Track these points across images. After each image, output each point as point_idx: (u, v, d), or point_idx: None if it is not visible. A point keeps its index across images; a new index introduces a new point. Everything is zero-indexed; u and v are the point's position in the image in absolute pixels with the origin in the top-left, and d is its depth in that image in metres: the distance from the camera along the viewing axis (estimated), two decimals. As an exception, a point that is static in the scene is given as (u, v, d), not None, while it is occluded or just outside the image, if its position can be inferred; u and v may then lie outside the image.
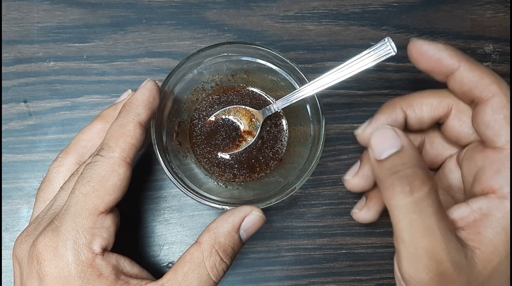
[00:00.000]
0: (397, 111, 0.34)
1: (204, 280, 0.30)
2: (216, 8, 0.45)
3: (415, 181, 0.28)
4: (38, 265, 0.30)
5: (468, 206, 0.30)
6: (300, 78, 0.36)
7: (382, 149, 0.30)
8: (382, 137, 0.30)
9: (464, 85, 0.32)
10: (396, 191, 0.29)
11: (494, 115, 0.30)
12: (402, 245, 0.29)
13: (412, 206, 0.28)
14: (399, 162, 0.29)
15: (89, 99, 0.43)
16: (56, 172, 0.35)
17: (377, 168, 0.31)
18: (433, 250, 0.28)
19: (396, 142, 0.30)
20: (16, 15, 0.44)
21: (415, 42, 0.33)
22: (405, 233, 0.29)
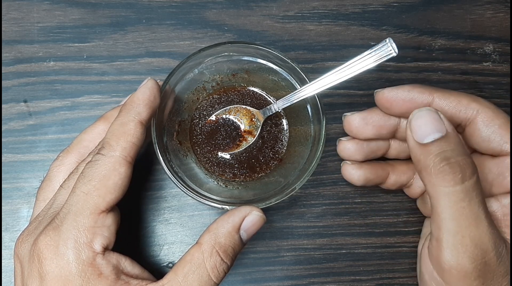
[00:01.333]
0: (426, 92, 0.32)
1: (204, 281, 0.30)
2: (216, 8, 0.45)
3: (466, 169, 0.28)
4: (39, 264, 0.30)
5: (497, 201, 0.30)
6: (301, 78, 0.36)
7: (426, 132, 0.29)
8: (425, 119, 0.30)
9: (445, 113, 0.32)
10: (446, 178, 0.28)
11: (489, 129, 0.31)
12: (447, 233, 0.29)
13: (462, 195, 0.28)
14: (448, 148, 0.29)
15: (89, 99, 0.43)
16: (57, 171, 0.35)
17: (420, 151, 0.30)
18: (480, 239, 0.28)
19: (441, 126, 0.29)
20: (16, 15, 0.44)
21: (382, 92, 0.33)
22: (452, 222, 0.28)
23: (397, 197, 0.43)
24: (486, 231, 0.28)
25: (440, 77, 0.45)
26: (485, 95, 0.45)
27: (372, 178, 0.38)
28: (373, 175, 0.38)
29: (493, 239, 0.28)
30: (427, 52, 0.45)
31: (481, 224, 0.28)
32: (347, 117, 0.37)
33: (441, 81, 0.45)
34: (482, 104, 0.31)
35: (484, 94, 0.45)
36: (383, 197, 0.43)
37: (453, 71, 0.45)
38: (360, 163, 0.39)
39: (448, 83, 0.45)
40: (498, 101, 0.45)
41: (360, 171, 0.38)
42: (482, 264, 0.28)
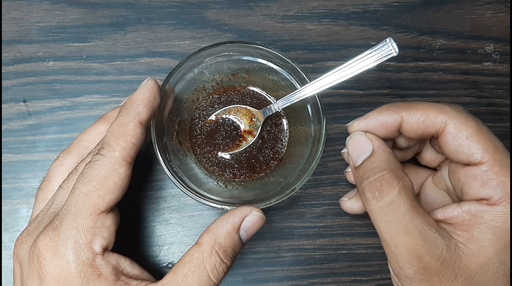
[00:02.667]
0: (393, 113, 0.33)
1: (204, 281, 0.30)
2: (216, 8, 0.45)
3: (383, 186, 0.30)
4: (39, 264, 0.29)
5: (458, 206, 0.31)
6: (301, 78, 0.36)
7: (356, 156, 0.32)
8: (355, 143, 0.32)
9: (416, 130, 0.32)
10: (368, 197, 0.31)
11: (457, 140, 0.31)
12: (385, 245, 0.31)
13: (385, 209, 0.30)
14: (369, 168, 0.31)
15: (88, 99, 0.43)
16: (56, 171, 0.35)
17: (354, 175, 0.33)
18: (411, 246, 0.29)
19: (368, 146, 0.32)
20: (16, 15, 0.44)
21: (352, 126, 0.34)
22: (384, 235, 0.30)
23: (398, 197, 0.43)
24: (417, 238, 0.29)
25: (441, 77, 0.45)
26: (486, 95, 0.45)
27: None
28: None
29: (425, 245, 0.29)
30: (427, 52, 0.45)
31: (410, 232, 0.29)
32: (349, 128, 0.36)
33: (442, 81, 0.45)
34: (450, 114, 0.31)
35: (484, 94, 0.45)
36: (384, 197, 0.43)
37: (453, 71, 0.45)
38: (356, 195, 0.40)
39: (448, 83, 0.45)
40: (498, 101, 0.45)
41: (358, 203, 0.39)
42: (421, 269, 0.29)
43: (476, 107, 0.45)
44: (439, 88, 0.45)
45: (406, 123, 0.32)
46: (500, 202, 0.29)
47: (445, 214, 0.31)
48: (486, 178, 0.30)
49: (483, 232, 0.29)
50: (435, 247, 0.29)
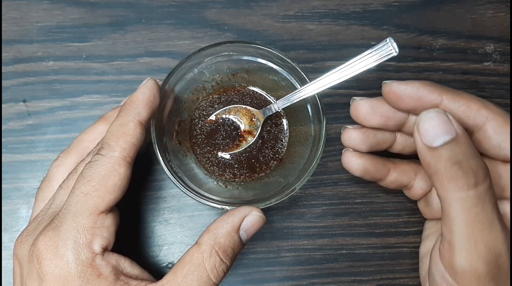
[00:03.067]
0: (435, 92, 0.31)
1: (204, 281, 0.30)
2: (216, 7, 0.45)
3: (479, 173, 0.28)
4: (38, 264, 0.29)
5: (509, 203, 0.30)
6: (301, 77, 0.36)
7: (435, 135, 0.28)
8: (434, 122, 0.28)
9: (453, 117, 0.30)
10: (459, 183, 0.28)
11: (499, 136, 0.30)
12: (460, 238, 0.28)
13: (476, 199, 0.28)
14: (459, 151, 0.28)
15: (88, 98, 0.43)
16: (56, 171, 0.35)
17: (429, 155, 0.29)
18: (493, 244, 0.28)
19: (451, 128, 0.28)
20: (15, 15, 0.44)
21: (390, 85, 0.32)
22: (465, 227, 0.28)
23: (398, 197, 0.43)
24: (500, 235, 0.28)
25: (441, 77, 0.45)
26: (486, 95, 0.45)
27: (371, 170, 0.37)
28: (373, 167, 0.37)
29: (506, 243, 0.28)
30: (427, 51, 0.45)
31: (494, 228, 0.28)
32: (355, 102, 0.36)
33: (442, 81, 0.45)
34: (492, 111, 0.30)
35: (484, 94, 0.45)
36: (384, 198, 0.43)
37: (453, 71, 0.45)
38: (362, 153, 0.37)
39: (448, 83, 0.45)
40: (499, 101, 0.45)
41: (360, 160, 0.37)
42: (495, 268, 0.28)
43: (477, 107, 0.45)
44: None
45: (445, 107, 0.31)
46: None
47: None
48: None
49: None
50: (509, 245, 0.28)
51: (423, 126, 0.29)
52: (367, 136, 0.36)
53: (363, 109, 0.35)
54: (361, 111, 0.35)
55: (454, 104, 0.31)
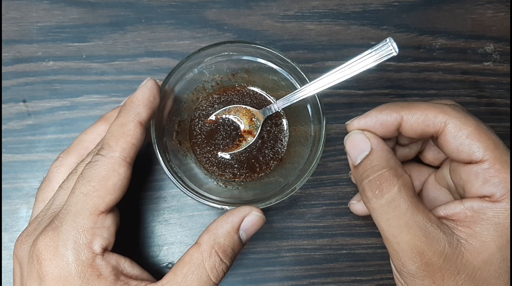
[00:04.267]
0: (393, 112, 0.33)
1: (203, 281, 0.30)
2: (216, 7, 0.45)
3: (382, 184, 0.30)
4: (39, 264, 0.29)
5: (461, 203, 0.31)
6: (301, 77, 0.36)
7: (355, 154, 0.32)
8: (353, 142, 0.33)
9: (415, 129, 0.32)
10: (368, 195, 0.31)
11: (457, 140, 0.31)
12: (387, 242, 0.31)
13: (385, 207, 0.30)
14: (368, 166, 0.31)
15: (88, 98, 0.43)
16: (56, 172, 0.35)
17: (354, 174, 0.33)
18: (413, 243, 0.30)
19: (366, 145, 0.32)
20: (15, 15, 0.44)
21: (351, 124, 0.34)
22: (386, 232, 0.31)
23: (398, 197, 0.43)
24: (419, 234, 0.29)
25: (441, 76, 0.45)
26: (486, 95, 0.45)
27: None
28: None
29: (427, 241, 0.29)
30: (427, 51, 0.45)
31: (411, 229, 0.30)
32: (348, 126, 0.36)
33: (442, 81, 0.45)
34: (449, 115, 0.31)
35: (484, 94, 0.45)
36: (384, 197, 0.43)
37: (453, 71, 0.45)
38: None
39: (448, 82, 0.45)
40: (498, 101, 0.45)
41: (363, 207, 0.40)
42: (423, 265, 0.29)
43: (476, 107, 0.45)
44: (439, 88, 0.45)
45: (406, 122, 0.32)
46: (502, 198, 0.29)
47: (448, 210, 0.31)
48: (488, 176, 0.30)
49: (486, 228, 0.30)
50: (437, 243, 0.29)
51: (347, 149, 0.33)
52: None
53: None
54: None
55: (412, 117, 0.32)
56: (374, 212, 0.31)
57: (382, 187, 0.30)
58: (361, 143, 0.32)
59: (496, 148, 0.30)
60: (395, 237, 0.30)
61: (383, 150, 0.32)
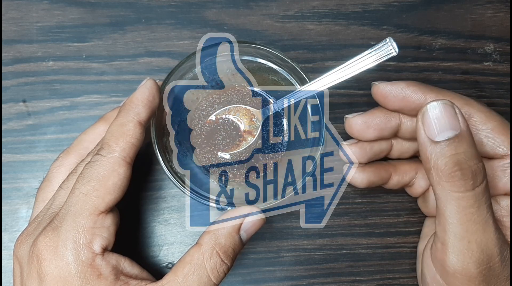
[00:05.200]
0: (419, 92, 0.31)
1: (204, 282, 0.30)
2: (216, 7, 0.45)
3: (477, 175, 0.28)
4: (38, 264, 0.29)
5: (496, 202, 0.30)
6: (301, 77, 0.36)
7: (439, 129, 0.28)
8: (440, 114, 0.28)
9: None
10: (457, 183, 0.28)
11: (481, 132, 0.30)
12: (453, 238, 0.28)
13: (472, 200, 0.28)
14: (461, 150, 0.28)
15: (88, 99, 0.43)
16: (56, 172, 0.35)
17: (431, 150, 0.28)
18: (486, 245, 0.28)
19: (456, 123, 0.28)
20: (15, 15, 0.44)
21: (377, 86, 0.33)
22: (460, 227, 0.28)
23: (398, 197, 0.43)
24: (493, 236, 0.28)
25: (441, 76, 0.45)
26: (486, 95, 0.45)
27: (375, 180, 0.38)
28: (376, 177, 0.38)
29: (498, 244, 0.28)
30: (427, 51, 0.45)
31: (488, 229, 0.28)
32: (348, 120, 0.37)
33: (442, 81, 0.45)
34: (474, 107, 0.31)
35: (484, 94, 0.45)
36: (384, 198, 0.43)
37: (453, 71, 0.45)
38: (363, 166, 0.38)
39: (448, 82, 0.45)
40: (498, 101, 0.45)
41: (363, 174, 0.37)
42: (487, 269, 0.28)
43: (476, 107, 0.45)
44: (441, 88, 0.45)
45: None
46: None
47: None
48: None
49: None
50: (504, 247, 0.28)
51: (427, 117, 0.28)
52: (364, 150, 0.37)
53: (356, 126, 0.36)
54: (355, 127, 0.36)
55: None
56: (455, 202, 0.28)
57: (476, 178, 0.28)
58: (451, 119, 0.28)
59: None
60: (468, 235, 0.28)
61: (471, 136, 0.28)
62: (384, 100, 0.34)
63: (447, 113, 0.28)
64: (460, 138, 0.28)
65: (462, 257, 0.28)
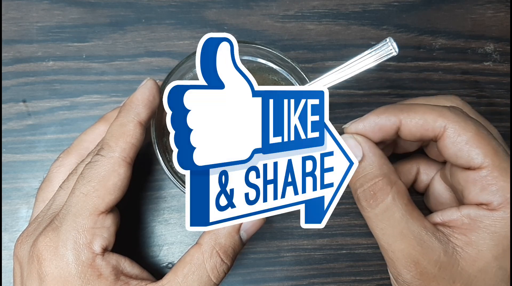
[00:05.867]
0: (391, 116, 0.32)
1: (204, 282, 0.30)
2: (216, 7, 0.45)
3: (376, 193, 0.30)
4: (39, 265, 0.29)
5: (458, 210, 0.31)
6: (301, 77, 0.36)
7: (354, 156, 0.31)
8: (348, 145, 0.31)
9: (414, 133, 0.32)
10: (363, 205, 0.31)
11: (456, 145, 0.30)
12: (382, 250, 0.31)
13: (380, 216, 0.30)
14: (361, 174, 0.31)
15: (88, 98, 0.43)
16: (56, 172, 0.35)
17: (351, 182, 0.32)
18: (408, 252, 0.29)
19: (357, 151, 0.31)
20: (15, 15, 0.44)
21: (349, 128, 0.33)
22: (381, 241, 0.31)
23: (398, 197, 0.43)
24: (413, 243, 0.29)
25: (441, 76, 0.45)
26: (486, 95, 0.45)
27: None
28: None
29: (422, 250, 0.29)
30: (427, 51, 0.45)
31: (405, 238, 0.29)
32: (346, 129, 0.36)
33: (442, 81, 0.45)
34: (449, 119, 0.30)
35: (484, 94, 0.45)
36: (384, 197, 0.43)
37: (453, 71, 0.45)
38: None
39: (448, 82, 0.45)
40: (498, 101, 0.45)
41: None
42: (418, 274, 0.29)
43: (476, 107, 0.44)
44: (439, 88, 0.45)
45: (405, 126, 0.32)
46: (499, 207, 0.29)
47: (444, 217, 0.31)
48: (485, 183, 0.30)
49: (482, 237, 0.29)
50: (432, 251, 0.29)
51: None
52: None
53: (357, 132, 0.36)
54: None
55: (411, 121, 0.31)
56: (369, 220, 0.31)
57: (376, 197, 0.30)
58: (352, 148, 0.31)
59: (495, 155, 0.30)
60: (390, 246, 0.30)
61: (376, 155, 0.31)
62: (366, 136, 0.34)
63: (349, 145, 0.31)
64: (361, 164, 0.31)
65: (395, 266, 0.30)
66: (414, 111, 0.32)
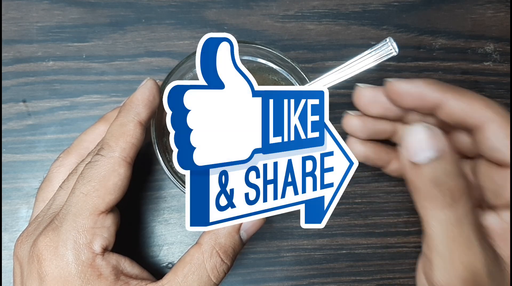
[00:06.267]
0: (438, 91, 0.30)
1: (204, 282, 0.30)
2: (216, 7, 0.45)
3: (457, 194, 0.28)
4: (39, 264, 0.29)
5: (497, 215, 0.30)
6: (301, 77, 0.36)
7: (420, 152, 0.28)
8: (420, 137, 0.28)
9: (454, 116, 0.30)
10: (437, 203, 0.28)
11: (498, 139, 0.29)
12: (438, 257, 0.28)
13: (453, 220, 0.28)
14: (442, 172, 0.28)
15: (88, 98, 0.43)
16: (56, 172, 0.35)
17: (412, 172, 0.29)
18: (470, 263, 0.28)
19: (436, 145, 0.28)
20: (15, 15, 0.44)
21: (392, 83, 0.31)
22: (442, 245, 0.28)
23: (398, 197, 0.43)
24: (478, 254, 0.28)
25: (441, 76, 0.45)
26: (486, 95, 0.45)
27: (373, 158, 0.37)
28: (375, 155, 0.37)
29: (485, 262, 0.28)
30: (427, 51, 0.45)
31: (472, 247, 0.28)
32: (358, 89, 0.36)
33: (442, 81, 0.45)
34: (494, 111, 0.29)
35: (484, 94, 0.45)
36: (384, 197, 0.43)
37: (453, 71, 0.45)
38: (366, 140, 0.37)
39: (448, 82, 0.44)
40: (499, 101, 0.45)
41: (362, 147, 0.37)
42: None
43: (476, 107, 0.45)
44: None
45: (448, 106, 0.30)
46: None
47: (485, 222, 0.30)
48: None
49: None
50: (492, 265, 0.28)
51: (408, 141, 0.28)
52: (366, 125, 0.36)
53: (364, 98, 0.35)
54: (363, 99, 0.36)
55: (456, 102, 0.30)
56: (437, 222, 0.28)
57: (457, 199, 0.28)
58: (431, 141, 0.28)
59: None
60: (453, 254, 0.28)
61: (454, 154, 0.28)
62: (399, 99, 0.32)
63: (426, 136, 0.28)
64: (440, 159, 0.28)
65: (447, 275, 0.28)
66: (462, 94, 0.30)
